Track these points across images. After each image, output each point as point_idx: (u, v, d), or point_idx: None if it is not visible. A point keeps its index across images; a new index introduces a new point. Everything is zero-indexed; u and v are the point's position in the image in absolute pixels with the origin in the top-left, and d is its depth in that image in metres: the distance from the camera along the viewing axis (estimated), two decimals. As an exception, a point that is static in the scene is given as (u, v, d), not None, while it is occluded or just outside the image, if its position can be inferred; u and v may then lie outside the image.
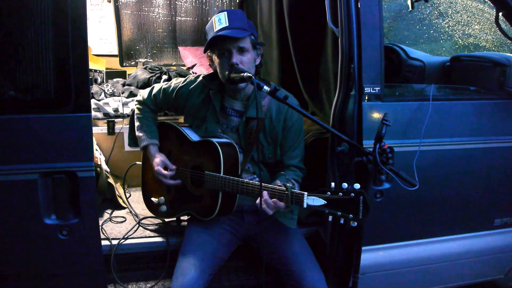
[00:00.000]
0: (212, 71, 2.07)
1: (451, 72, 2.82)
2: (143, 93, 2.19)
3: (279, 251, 1.99)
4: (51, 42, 1.60)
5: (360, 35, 1.93)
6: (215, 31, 1.86)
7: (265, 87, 1.66)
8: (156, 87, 2.17)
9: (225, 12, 1.87)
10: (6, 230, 1.69)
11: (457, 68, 2.77)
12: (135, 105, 2.20)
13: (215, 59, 1.95)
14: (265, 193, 1.72)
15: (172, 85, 2.12)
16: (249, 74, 1.70)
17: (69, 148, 1.66)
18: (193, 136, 2.06)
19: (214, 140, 1.95)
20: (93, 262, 1.80)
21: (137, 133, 2.14)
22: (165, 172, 2.05)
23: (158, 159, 2.07)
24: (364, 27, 1.93)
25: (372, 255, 2.10)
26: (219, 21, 1.86)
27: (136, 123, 2.16)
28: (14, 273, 1.77)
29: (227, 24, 1.85)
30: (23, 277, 1.79)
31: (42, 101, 1.63)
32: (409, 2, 3.01)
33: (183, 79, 2.13)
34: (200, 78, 2.10)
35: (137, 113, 2.16)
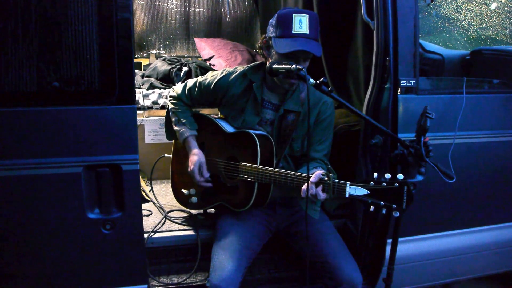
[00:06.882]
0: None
1: (471, 65, 2.83)
2: (177, 89, 2.17)
3: (313, 243, 1.98)
4: (96, 31, 1.56)
5: (396, 28, 1.93)
6: (293, 31, 1.79)
7: (311, 80, 1.65)
8: (190, 82, 2.15)
9: (307, 16, 1.80)
10: (50, 224, 1.67)
11: (478, 62, 2.78)
12: (169, 101, 2.18)
13: (275, 53, 1.86)
14: (312, 179, 1.70)
15: (209, 78, 2.10)
16: (299, 67, 1.68)
17: (113, 141, 1.63)
18: (228, 128, 2.06)
19: (251, 131, 1.95)
20: (136, 256, 1.79)
21: (176, 127, 2.13)
22: (199, 177, 2.07)
23: (196, 158, 2.06)
24: (401, 20, 1.92)
25: (402, 247, 2.10)
26: (299, 23, 1.79)
27: (173, 118, 2.14)
28: (56, 269, 1.75)
29: (307, 32, 1.79)
30: (65, 272, 1.76)
31: (86, 93, 1.59)
32: (427, -5, 3.01)
33: (218, 71, 2.11)
34: (241, 69, 2.07)
35: (172, 108, 2.15)
